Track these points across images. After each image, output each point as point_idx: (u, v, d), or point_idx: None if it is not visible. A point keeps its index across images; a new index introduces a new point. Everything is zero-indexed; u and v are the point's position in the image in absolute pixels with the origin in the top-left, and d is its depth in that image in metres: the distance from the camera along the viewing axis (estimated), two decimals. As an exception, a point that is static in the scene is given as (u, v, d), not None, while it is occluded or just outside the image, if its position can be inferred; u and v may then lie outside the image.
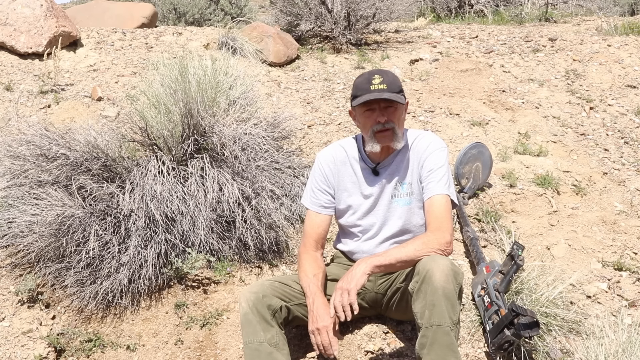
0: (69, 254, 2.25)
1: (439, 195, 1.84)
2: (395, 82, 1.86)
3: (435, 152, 1.90)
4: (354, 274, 1.69)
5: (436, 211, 1.83)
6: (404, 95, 1.90)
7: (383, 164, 1.96)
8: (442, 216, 1.82)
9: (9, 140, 2.54)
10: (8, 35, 4.17)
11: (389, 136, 1.87)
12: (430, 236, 1.78)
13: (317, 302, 1.79)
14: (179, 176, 2.47)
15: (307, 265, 1.94)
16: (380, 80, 1.84)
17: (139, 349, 2.16)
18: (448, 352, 1.61)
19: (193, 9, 7.27)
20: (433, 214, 1.83)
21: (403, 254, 1.74)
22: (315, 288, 1.84)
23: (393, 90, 1.84)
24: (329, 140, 3.53)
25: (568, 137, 3.67)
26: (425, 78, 4.48)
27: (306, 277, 1.89)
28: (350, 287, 1.66)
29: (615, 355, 1.77)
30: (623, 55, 4.77)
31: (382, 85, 1.83)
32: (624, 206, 3.00)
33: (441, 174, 1.87)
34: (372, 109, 1.87)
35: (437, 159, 1.89)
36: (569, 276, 2.32)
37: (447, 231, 1.78)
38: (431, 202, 1.85)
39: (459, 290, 1.71)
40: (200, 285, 2.41)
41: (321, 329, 1.74)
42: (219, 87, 2.92)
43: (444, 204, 1.84)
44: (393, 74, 1.90)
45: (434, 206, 1.84)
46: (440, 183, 1.86)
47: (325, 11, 5.32)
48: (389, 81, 1.85)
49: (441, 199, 1.84)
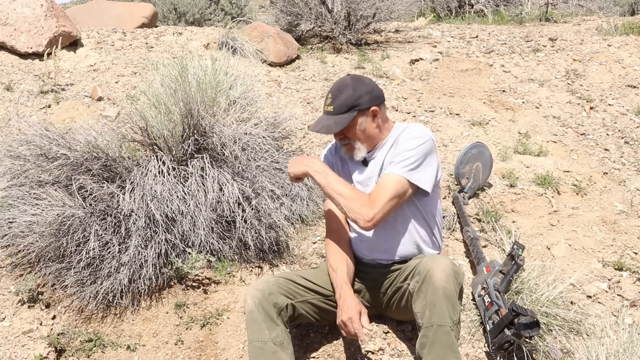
0: (69, 254, 2.25)
1: (392, 174, 1.83)
2: (344, 102, 1.87)
3: (412, 139, 1.87)
4: (301, 164, 1.88)
5: (381, 186, 1.83)
6: (357, 110, 1.89)
7: (371, 155, 2.00)
8: (382, 191, 1.81)
9: (9, 140, 2.54)
10: (8, 35, 4.17)
11: (349, 149, 1.97)
12: (361, 201, 1.80)
13: (344, 295, 1.82)
14: (179, 176, 2.47)
15: (331, 259, 1.96)
16: (330, 101, 1.90)
17: (139, 349, 2.16)
18: (448, 352, 1.61)
19: (193, 9, 7.28)
20: (378, 186, 1.84)
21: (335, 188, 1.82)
22: (341, 281, 1.87)
23: (340, 111, 1.88)
24: (329, 140, 3.53)
25: (568, 137, 3.66)
26: (426, 78, 4.48)
27: (332, 272, 1.93)
28: (289, 170, 1.90)
29: (615, 355, 1.77)
30: (623, 55, 4.77)
31: (329, 108, 1.90)
32: (624, 206, 3.00)
33: (407, 156, 1.84)
34: None
35: (410, 144, 1.86)
36: (569, 276, 2.32)
37: (376, 206, 1.78)
38: (384, 176, 1.85)
39: (459, 290, 1.72)
40: (200, 285, 2.41)
41: (346, 321, 1.76)
42: (219, 87, 2.92)
43: (392, 182, 1.81)
44: (348, 89, 1.89)
45: (383, 181, 1.84)
46: (399, 165, 1.83)
47: (325, 11, 5.32)
48: (337, 104, 1.88)
49: (392, 177, 1.82)
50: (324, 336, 2.11)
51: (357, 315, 1.76)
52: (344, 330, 1.79)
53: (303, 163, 1.88)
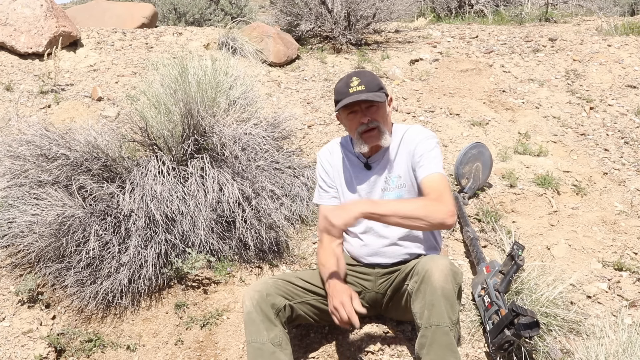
0: (69, 254, 2.25)
1: (435, 173, 1.83)
2: (373, 81, 1.88)
3: (425, 139, 1.91)
4: (342, 211, 1.64)
5: (434, 185, 1.79)
6: (385, 93, 1.91)
7: (374, 158, 1.99)
8: (442, 188, 1.78)
9: (9, 140, 2.54)
10: (8, 35, 4.17)
11: (375, 135, 1.90)
12: (432, 202, 1.72)
13: (332, 283, 1.81)
14: (179, 176, 2.47)
15: (323, 258, 1.96)
16: (358, 82, 1.87)
17: (139, 349, 2.16)
18: (447, 352, 1.61)
19: (193, 9, 7.27)
20: (431, 187, 1.79)
21: (401, 211, 1.67)
22: (330, 272, 1.86)
23: (371, 89, 1.86)
24: (329, 140, 3.52)
25: (568, 137, 3.66)
26: (426, 78, 4.48)
27: (322, 267, 1.92)
28: (336, 222, 1.62)
29: (615, 356, 1.77)
30: (623, 55, 4.77)
31: (360, 87, 1.86)
32: (624, 206, 3.00)
33: (433, 155, 1.86)
34: (354, 112, 1.90)
35: (427, 145, 1.89)
36: (569, 276, 2.32)
37: (449, 202, 1.72)
38: (428, 179, 1.82)
39: (458, 290, 1.71)
40: (200, 286, 2.41)
41: (338, 306, 1.74)
42: (219, 87, 2.92)
43: (441, 179, 1.81)
44: (371, 73, 1.93)
45: (431, 181, 1.81)
46: (433, 163, 1.85)
47: (325, 11, 5.32)
48: (367, 81, 1.87)
49: (437, 176, 1.82)
50: (323, 336, 2.11)
51: (348, 298, 1.74)
52: (336, 317, 1.76)
53: (348, 209, 1.66)
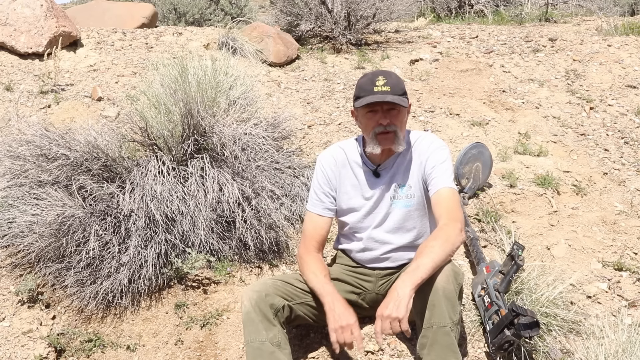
0: (69, 254, 2.25)
1: (446, 188, 1.83)
2: (399, 85, 1.84)
3: (437, 150, 1.90)
4: (400, 300, 1.57)
5: (447, 203, 1.81)
6: (407, 98, 1.88)
7: (384, 166, 1.95)
8: (453, 206, 1.80)
9: (9, 141, 2.55)
10: (8, 36, 4.17)
11: (390, 139, 1.85)
12: (447, 230, 1.73)
13: (337, 303, 1.77)
14: (179, 176, 2.47)
15: (314, 266, 1.92)
16: (384, 82, 1.81)
17: (139, 349, 2.16)
18: (448, 352, 1.61)
19: (193, 9, 7.27)
20: (444, 206, 1.81)
21: (436, 259, 1.65)
22: (330, 288, 1.82)
23: (396, 92, 1.82)
24: (329, 140, 3.53)
25: (568, 137, 3.67)
26: (425, 78, 4.48)
27: (317, 277, 1.87)
28: (401, 315, 1.56)
29: (615, 356, 1.77)
30: (623, 56, 4.77)
31: (385, 87, 1.81)
32: (624, 206, 3.00)
33: (444, 168, 1.86)
34: (374, 111, 1.85)
35: (439, 156, 1.88)
36: (569, 276, 2.32)
37: (460, 220, 1.77)
38: (440, 195, 1.83)
39: (459, 291, 1.72)
40: (200, 286, 2.41)
41: (345, 327, 1.71)
42: (219, 87, 2.92)
43: (452, 195, 1.83)
44: (397, 76, 1.89)
45: (443, 198, 1.82)
46: (444, 176, 1.85)
47: (325, 11, 5.32)
48: (393, 83, 1.82)
49: (449, 191, 1.83)
50: (323, 336, 2.11)
51: (356, 322, 1.72)
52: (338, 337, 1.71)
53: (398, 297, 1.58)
